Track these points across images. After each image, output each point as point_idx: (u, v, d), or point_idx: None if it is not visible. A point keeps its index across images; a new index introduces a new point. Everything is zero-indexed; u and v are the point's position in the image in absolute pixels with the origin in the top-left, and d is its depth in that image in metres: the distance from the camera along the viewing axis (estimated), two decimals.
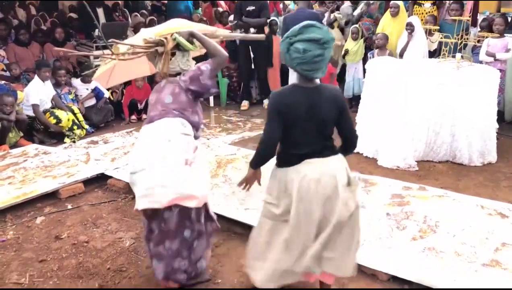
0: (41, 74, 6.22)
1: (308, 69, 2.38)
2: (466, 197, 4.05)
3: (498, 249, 3.21)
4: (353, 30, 7.35)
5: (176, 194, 2.62)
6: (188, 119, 2.81)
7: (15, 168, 4.87)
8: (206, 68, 2.84)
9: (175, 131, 2.72)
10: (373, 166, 4.99)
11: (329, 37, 2.36)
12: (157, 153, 2.65)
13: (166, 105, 2.81)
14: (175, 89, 2.84)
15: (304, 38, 2.34)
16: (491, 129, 5.08)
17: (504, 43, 6.07)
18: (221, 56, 2.91)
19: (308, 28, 2.36)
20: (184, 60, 2.95)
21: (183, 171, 2.64)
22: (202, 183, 2.76)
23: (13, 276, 3.16)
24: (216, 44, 2.94)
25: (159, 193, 2.61)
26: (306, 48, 2.33)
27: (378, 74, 5.34)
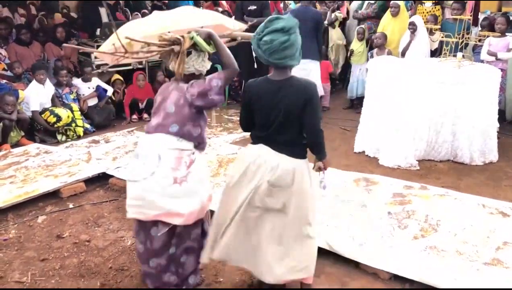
0: (36, 78, 6.20)
1: (281, 57, 2.50)
2: (468, 196, 4.05)
3: (500, 248, 3.21)
4: (359, 30, 7.34)
5: (162, 209, 2.63)
6: (187, 133, 2.73)
7: (16, 167, 4.88)
8: (217, 84, 2.72)
9: (166, 147, 2.68)
10: (374, 165, 4.99)
11: (292, 24, 2.47)
12: (148, 168, 2.64)
13: (167, 115, 2.73)
14: (180, 100, 2.73)
15: (269, 30, 2.47)
16: (492, 129, 5.09)
17: (505, 43, 6.06)
18: (234, 69, 2.78)
19: (272, 22, 2.49)
20: (200, 60, 2.82)
21: (171, 189, 2.62)
22: (193, 200, 2.69)
23: (15, 275, 3.17)
24: (230, 55, 2.79)
25: (147, 206, 2.64)
26: (272, 38, 2.46)
27: (379, 74, 5.34)
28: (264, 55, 2.52)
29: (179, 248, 2.81)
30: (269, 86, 2.58)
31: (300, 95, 2.51)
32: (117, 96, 7.27)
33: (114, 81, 7.36)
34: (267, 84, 2.60)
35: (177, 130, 2.70)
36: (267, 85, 2.59)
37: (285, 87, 2.54)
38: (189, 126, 2.73)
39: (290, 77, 2.57)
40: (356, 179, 4.40)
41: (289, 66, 2.57)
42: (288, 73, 2.58)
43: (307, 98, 2.51)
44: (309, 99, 2.51)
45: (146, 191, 2.63)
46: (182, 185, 2.63)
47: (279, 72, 2.58)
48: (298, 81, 2.57)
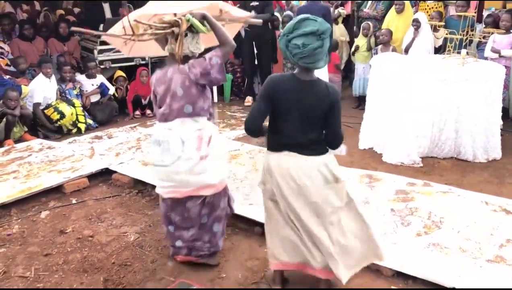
0: (42, 71, 6.25)
1: (310, 62, 2.44)
2: (471, 193, 4.04)
3: (503, 245, 3.20)
4: (364, 26, 7.30)
5: (194, 185, 2.91)
6: (200, 108, 2.92)
7: (20, 162, 4.89)
8: (216, 62, 2.85)
9: (187, 131, 2.88)
10: (377, 162, 4.99)
11: (325, 27, 2.40)
12: (174, 153, 2.87)
13: (178, 98, 2.87)
14: (186, 82, 2.86)
15: (301, 33, 2.39)
16: (495, 126, 5.06)
17: (510, 40, 6.03)
18: (230, 45, 2.91)
19: (303, 22, 2.41)
20: (194, 42, 2.91)
21: (199, 166, 2.88)
22: (219, 170, 2.99)
23: (19, 270, 3.18)
24: (226, 32, 2.91)
25: (180, 185, 2.92)
26: (304, 42, 2.38)
27: (383, 71, 5.32)
28: (294, 58, 2.46)
29: (211, 217, 3.07)
30: (298, 85, 2.51)
31: (327, 98, 2.49)
32: (120, 92, 7.27)
33: (117, 78, 7.36)
34: (295, 82, 2.52)
35: (192, 109, 2.89)
36: (296, 83, 2.52)
37: (314, 88, 2.51)
38: (200, 102, 2.91)
39: (318, 79, 2.55)
40: (359, 176, 4.39)
41: (317, 68, 2.52)
42: (313, 74, 2.55)
43: (333, 102, 2.50)
44: (335, 103, 2.51)
45: (176, 174, 2.89)
46: (207, 160, 2.89)
47: (306, 73, 2.53)
48: (325, 84, 2.56)
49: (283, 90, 2.51)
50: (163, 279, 3.06)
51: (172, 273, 3.11)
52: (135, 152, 5.22)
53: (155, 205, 4.11)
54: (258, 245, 3.39)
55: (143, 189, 4.39)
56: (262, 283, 2.98)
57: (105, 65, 7.27)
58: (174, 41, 2.84)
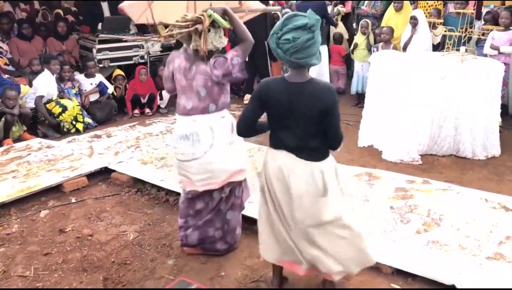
0: (50, 68, 6.27)
1: (304, 56, 2.35)
2: (470, 190, 4.04)
3: (502, 242, 3.20)
4: (363, 24, 7.29)
5: (229, 172, 3.04)
6: (222, 103, 3.05)
7: (19, 162, 4.88)
8: (237, 62, 2.92)
9: (214, 121, 3.00)
10: (377, 160, 4.99)
11: (314, 20, 2.32)
12: (206, 142, 2.98)
13: (201, 98, 2.99)
14: (208, 83, 2.96)
15: (291, 28, 2.32)
16: (494, 123, 5.06)
17: (509, 37, 6.02)
18: (249, 41, 2.97)
19: (291, 18, 2.35)
20: (217, 37, 2.96)
21: (230, 152, 3.03)
22: (244, 155, 3.20)
23: (18, 269, 3.17)
24: (244, 28, 2.97)
25: (215, 176, 3.02)
26: (294, 36, 2.31)
27: (382, 68, 5.32)
28: (285, 55, 2.36)
29: (227, 205, 3.18)
30: (289, 89, 2.42)
31: (321, 101, 2.39)
32: (118, 91, 7.25)
33: (116, 77, 7.35)
34: (286, 86, 2.44)
35: (215, 108, 3.02)
36: (287, 87, 2.43)
37: (306, 91, 2.40)
38: (222, 98, 3.04)
39: (310, 80, 2.43)
40: (358, 174, 4.39)
41: (310, 66, 2.44)
42: (307, 74, 2.44)
43: (328, 104, 2.38)
44: (330, 105, 2.39)
45: (209, 164, 2.99)
46: (234, 144, 3.07)
47: (298, 73, 2.43)
48: (319, 85, 2.44)
49: (273, 94, 2.45)
50: (163, 278, 3.06)
51: (172, 272, 3.11)
52: (134, 151, 5.22)
53: (154, 203, 4.10)
54: (258, 244, 3.38)
55: (142, 187, 4.38)
56: (262, 281, 2.98)
57: (103, 64, 7.26)
58: (198, 37, 2.90)
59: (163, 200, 4.13)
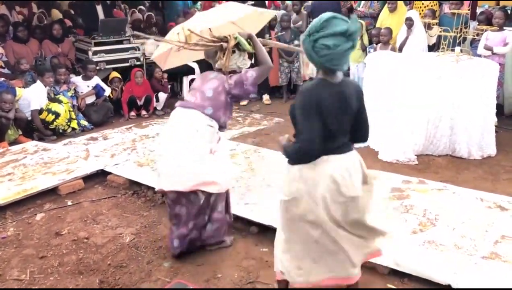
0: (44, 80, 6.24)
1: (338, 64, 2.27)
2: (466, 190, 4.05)
3: (498, 241, 3.21)
4: None
5: (200, 180, 3.01)
6: (217, 117, 3.13)
7: (14, 165, 4.87)
8: (251, 76, 3.14)
9: (202, 123, 3.06)
10: (373, 160, 4.99)
11: (355, 28, 2.21)
12: (185, 141, 3.01)
13: (205, 98, 3.11)
14: (219, 88, 3.13)
15: (330, 33, 2.18)
16: (490, 123, 5.08)
17: (503, 37, 6.05)
18: (268, 65, 3.20)
19: (330, 21, 2.20)
20: (241, 58, 3.23)
21: (208, 159, 3.03)
22: (225, 171, 3.16)
23: (14, 273, 3.17)
24: (265, 53, 3.22)
25: (185, 177, 2.99)
26: (335, 43, 2.18)
27: (378, 69, 5.33)
28: (320, 60, 2.24)
29: (209, 216, 3.20)
30: (333, 90, 2.31)
31: (358, 94, 2.41)
32: (115, 93, 7.25)
33: (112, 79, 7.34)
34: (331, 87, 2.31)
35: (211, 113, 3.09)
36: (331, 88, 2.31)
37: (347, 88, 2.36)
38: (221, 112, 3.14)
39: (343, 79, 2.38)
40: None
41: (341, 71, 2.34)
42: (339, 75, 2.36)
43: (362, 96, 2.44)
44: (362, 98, 2.45)
45: (182, 166, 2.99)
46: (215, 155, 3.08)
47: (334, 74, 2.33)
48: (351, 82, 2.51)
49: (328, 97, 2.29)
50: (159, 280, 3.05)
51: (168, 274, 3.11)
52: (130, 153, 5.21)
53: (150, 206, 4.10)
54: (254, 245, 3.39)
55: (139, 190, 4.38)
56: (258, 283, 2.98)
57: (100, 66, 7.25)
58: (222, 55, 3.16)
59: (160, 202, 4.12)
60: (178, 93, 8.55)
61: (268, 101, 7.78)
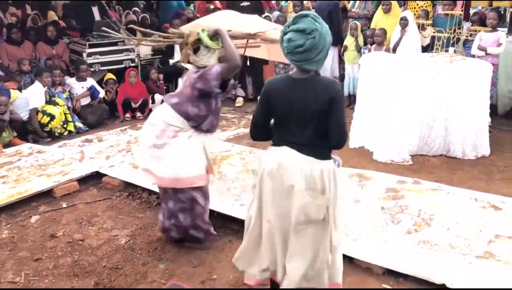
0: (42, 80, 6.24)
1: (296, 60, 2.35)
2: (460, 190, 4.07)
3: (492, 241, 3.23)
4: (352, 26, 7.32)
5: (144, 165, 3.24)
6: (183, 110, 3.13)
7: (9, 167, 4.85)
8: (216, 70, 3.07)
9: (159, 119, 3.17)
10: (367, 161, 5.01)
11: (312, 27, 2.28)
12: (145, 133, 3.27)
13: (175, 93, 3.27)
14: (187, 82, 3.19)
15: (293, 28, 2.32)
16: (484, 123, 5.11)
17: (496, 38, 6.08)
18: (233, 63, 3.10)
19: (300, 18, 2.33)
20: (208, 56, 3.17)
21: (150, 151, 3.16)
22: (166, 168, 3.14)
23: (9, 275, 3.15)
24: (234, 51, 3.13)
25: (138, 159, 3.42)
26: (291, 37, 2.32)
27: (372, 69, 5.35)
28: (284, 53, 2.40)
29: (175, 205, 3.29)
30: (291, 84, 2.41)
31: (325, 94, 2.34)
32: (109, 95, 7.23)
33: (107, 81, 7.33)
34: (288, 81, 2.43)
35: (175, 102, 3.16)
36: (288, 82, 2.43)
37: (308, 85, 2.38)
38: (187, 104, 3.13)
39: (313, 76, 2.40)
40: (349, 175, 4.41)
41: (306, 70, 2.39)
42: (310, 72, 2.40)
43: (332, 97, 2.34)
44: (334, 97, 2.35)
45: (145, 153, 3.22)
46: (159, 149, 3.12)
47: (301, 71, 2.41)
48: (322, 79, 2.42)
49: (277, 90, 2.44)
50: (155, 282, 3.05)
51: (163, 276, 3.11)
52: (125, 155, 5.20)
53: (145, 207, 4.09)
54: None
55: (134, 192, 4.37)
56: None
57: (94, 68, 7.24)
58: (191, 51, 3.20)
59: (155, 204, 4.11)
60: None
61: (239, 103, 7.77)
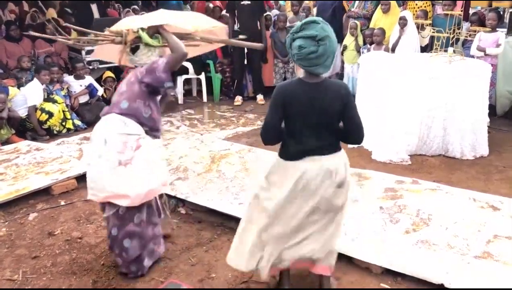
0: (40, 78, 6.23)
1: (307, 65, 2.42)
2: (459, 190, 4.07)
3: (490, 241, 3.23)
4: (352, 25, 7.32)
5: (109, 192, 2.84)
6: (137, 110, 2.90)
7: (7, 164, 4.84)
8: (162, 62, 2.92)
9: (112, 131, 2.85)
10: (366, 160, 5.01)
11: (324, 34, 2.37)
12: (95, 152, 2.87)
13: (120, 94, 2.97)
14: (131, 78, 2.98)
15: (302, 35, 2.38)
16: (482, 123, 5.12)
17: (495, 38, 6.09)
18: (179, 53, 2.97)
19: (308, 24, 2.39)
20: (148, 54, 3.09)
21: (117, 171, 2.81)
22: (139, 183, 2.84)
23: (6, 273, 3.15)
24: (178, 42, 3.01)
25: (98, 188, 2.87)
26: (301, 44, 2.37)
27: (371, 69, 5.35)
28: (293, 58, 2.47)
29: (121, 231, 2.97)
30: (306, 89, 2.46)
31: (340, 95, 2.45)
32: (108, 93, 7.22)
33: (106, 79, 7.31)
34: (304, 86, 2.46)
35: (127, 106, 2.89)
36: (305, 87, 2.46)
37: (324, 88, 2.46)
38: (139, 104, 2.91)
39: (325, 79, 2.50)
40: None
41: (316, 74, 2.45)
42: (321, 76, 2.49)
43: (346, 97, 2.47)
44: (348, 99, 2.47)
45: (98, 174, 2.86)
46: (127, 167, 2.82)
47: (311, 76, 2.48)
48: (333, 82, 2.55)
49: (294, 95, 2.46)
50: (153, 280, 3.05)
51: (162, 274, 3.10)
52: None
53: None
54: None
55: None
56: (252, 282, 2.99)
57: (93, 65, 7.23)
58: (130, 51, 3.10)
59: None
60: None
61: (262, 101, 7.78)
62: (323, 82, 2.48)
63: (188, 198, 3.99)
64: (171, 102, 7.19)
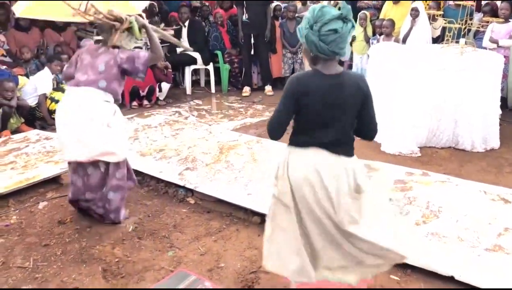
0: (52, 67, 6.28)
1: (343, 47, 2.27)
2: (469, 182, 4.04)
3: (501, 234, 3.21)
4: (361, 16, 7.26)
5: (100, 150, 3.29)
6: (112, 89, 3.37)
7: (17, 153, 4.86)
8: (144, 56, 3.39)
9: (99, 98, 3.31)
10: (376, 152, 4.99)
11: (346, 11, 2.23)
12: (85, 114, 3.25)
13: (98, 72, 3.32)
14: (110, 61, 3.34)
15: (329, 18, 2.20)
16: (494, 115, 5.07)
17: (508, 29, 6.01)
18: (157, 54, 3.45)
19: (323, 10, 2.23)
20: (128, 40, 3.44)
21: (105, 132, 3.28)
22: (121, 142, 3.43)
23: (17, 260, 3.17)
24: (158, 44, 3.45)
25: (86, 149, 3.28)
26: (337, 26, 2.20)
27: (381, 60, 5.31)
28: (329, 46, 2.22)
29: (108, 186, 3.45)
30: (328, 81, 2.29)
31: (360, 88, 2.32)
32: None
33: None
34: (321, 78, 2.30)
35: (105, 86, 3.32)
36: (323, 80, 2.29)
37: (343, 82, 2.30)
38: (115, 84, 3.38)
39: (343, 70, 2.35)
40: None
41: (335, 56, 2.30)
42: (338, 66, 2.35)
43: (365, 93, 2.34)
44: (367, 93, 2.34)
45: (85, 136, 3.25)
46: (112, 127, 3.32)
47: (331, 65, 2.32)
48: (353, 75, 2.40)
49: (312, 87, 2.29)
50: (162, 269, 3.06)
51: (171, 263, 3.12)
52: (133, 143, 5.20)
53: (153, 195, 4.10)
54: (257, 235, 3.40)
55: (141, 179, 4.37)
56: (261, 272, 2.99)
57: None
58: (114, 33, 3.36)
59: (162, 192, 4.12)
60: (180, 83, 8.54)
61: (270, 92, 7.76)
62: (342, 74, 2.32)
63: (197, 188, 3.99)
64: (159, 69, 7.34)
